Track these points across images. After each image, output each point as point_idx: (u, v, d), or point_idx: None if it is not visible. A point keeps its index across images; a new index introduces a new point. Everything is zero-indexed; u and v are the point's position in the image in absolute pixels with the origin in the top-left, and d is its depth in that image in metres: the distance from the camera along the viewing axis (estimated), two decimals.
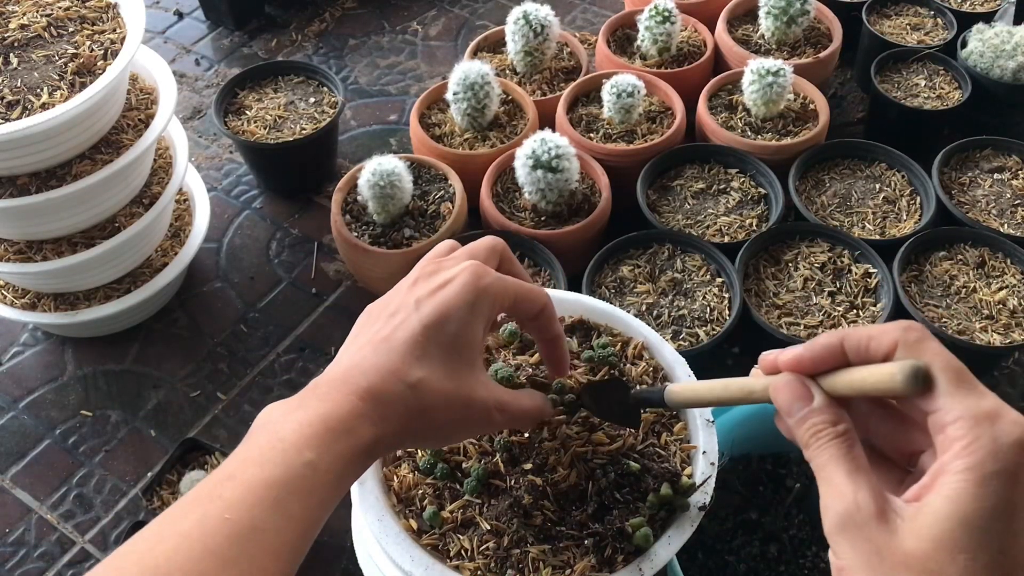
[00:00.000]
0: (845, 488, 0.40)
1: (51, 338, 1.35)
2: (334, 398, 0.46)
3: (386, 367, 0.48)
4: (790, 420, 0.43)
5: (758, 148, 1.36)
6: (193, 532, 0.40)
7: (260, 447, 0.45)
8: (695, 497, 0.62)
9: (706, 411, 0.68)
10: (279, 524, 0.42)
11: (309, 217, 1.51)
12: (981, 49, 1.47)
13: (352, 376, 0.47)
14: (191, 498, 0.43)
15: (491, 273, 0.52)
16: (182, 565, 0.39)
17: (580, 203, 1.30)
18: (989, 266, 1.22)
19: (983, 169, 1.37)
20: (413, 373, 0.48)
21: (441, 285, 0.51)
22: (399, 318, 0.50)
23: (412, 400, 0.48)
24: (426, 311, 0.49)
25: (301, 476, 0.43)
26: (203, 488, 0.43)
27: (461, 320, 0.50)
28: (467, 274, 0.51)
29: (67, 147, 1.11)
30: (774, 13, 1.52)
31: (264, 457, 0.44)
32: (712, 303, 1.18)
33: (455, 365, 0.49)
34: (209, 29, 1.89)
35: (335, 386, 0.47)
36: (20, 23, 1.11)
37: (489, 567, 0.60)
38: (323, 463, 0.44)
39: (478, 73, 1.33)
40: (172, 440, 1.20)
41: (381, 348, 0.48)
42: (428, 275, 0.52)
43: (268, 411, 0.48)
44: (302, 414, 0.46)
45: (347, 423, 0.45)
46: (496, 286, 0.52)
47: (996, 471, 0.36)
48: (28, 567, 1.10)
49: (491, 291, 0.51)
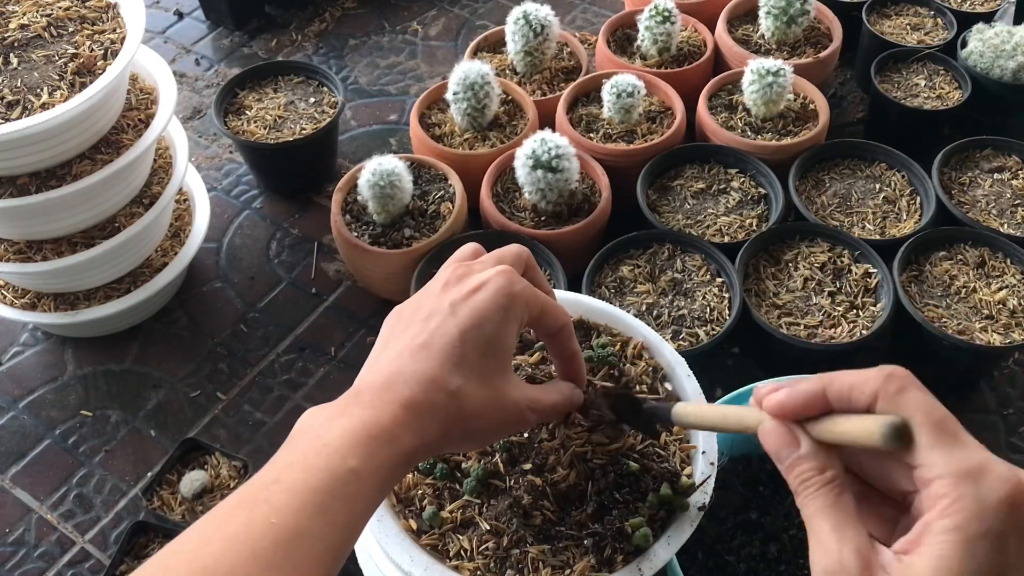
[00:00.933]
0: (831, 543, 0.39)
1: (51, 338, 1.35)
2: (377, 406, 0.47)
3: (427, 375, 0.48)
4: (780, 466, 0.43)
5: (758, 148, 1.36)
6: (240, 535, 0.41)
7: (304, 452, 0.45)
8: (695, 497, 0.62)
9: None
10: (323, 530, 0.42)
11: (309, 217, 1.51)
12: (981, 49, 1.47)
13: (394, 384, 0.48)
14: (235, 501, 0.43)
15: (522, 280, 0.53)
16: (230, 568, 0.39)
17: (580, 203, 1.30)
18: (989, 266, 1.22)
19: (983, 169, 1.37)
20: (453, 381, 0.48)
21: (475, 289, 0.51)
22: (435, 322, 0.50)
23: (452, 408, 0.48)
24: (463, 316, 0.50)
25: (345, 483, 0.44)
26: (248, 491, 0.44)
27: (497, 324, 0.50)
28: (501, 279, 0.51)
29: (67, 147, 1.11)
30: (774, 13, 1.52)
31: (309, 462, 0.44)
32: (712, 303, 1.18)
33: (491, 370, 0.50)
34: (209, 29, 1.89)
35: (377, 394, 0.48)
36: (20, 23, 1.11)
37: (489, 567, 0.60)
38: (366, 470, 0.44)
39: (478, 73, 1.33)
40: (172, 440, 1.20)
41: (420, 355, 0.49)
42: (460, 278, 0.53)
43: (310, 416, 0.48)
44: (346, 421, 0.46)
45: (390, 431, 0.46)
46: (527, 293, 0.52)
47: (982, 532, 0.36)
48: (28, 567, 1.10)
49: (523, 297, 0.52)
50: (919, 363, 1.24)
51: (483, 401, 0.50)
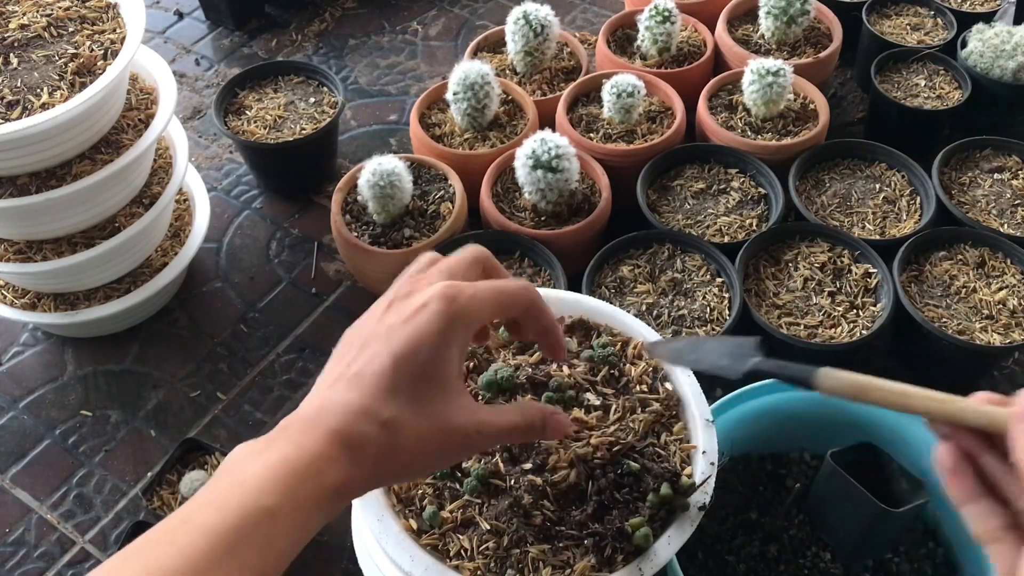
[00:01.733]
0: None
1: (51, 338, 1.35)
2: (301, 440, 0.44)
3: (356, 405, 0.46)
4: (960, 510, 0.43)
5: (758, 148, 1.36)
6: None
7: (220, 490, 0.43)
8: (695, 497, 0.62)
9: (706, 411, 0.68)
10: (232, 574, 0.40)
11: (309, 217, 1.51)
12: (981, 49, 1.47)
13: (321, 416, 0.46)
14: (143, 542, 0.41)
15: (464, 292, 0.49)
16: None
17: (580, 203, 1.30)
18: (989, 266, 1.22)
19: (983, 169, 1.37)
20: (384, 411, 0.46)
21: (414, 312, 0.48)
22: (370, 350, 0.48)
23: (384, 439, 0.46)
24: (396, 342, 0.47)
25: (257, 523, 0.41)
26: (157, 531, 0.42)
27: (434, 348, 0.47)
28: (438, 300, 0.48)
29: (67, 147, 1.11)
30: (774, 13, 1.52)
31: (222, 501, 0.42)
32: (712, 303, 1.18)
33: (428, 396, 0.47)
34: (209, 29, 1.89)
35: (304, 427, 0.45)
36: (20, 23, 1.11)
37: (489, 567, 0.60)
38: (284, 509, 0.42)
39: (478, 73, 1.33)
40: (172, 440, 1.20)
41: (352, 384, 0.47)
42: (402, 298, 0.50)
43: (237, 451, 0.46)
44: (267, 456, 0.44)
45: (314, 466, 0.44)
46: (470, 305, 0.49)
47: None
48: (28, 567, 1.10)
49: (465, 313, 0.49)
50: (919, 363, 1.24)
51: (419, 430, 0.47)
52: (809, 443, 0.99)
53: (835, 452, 0.85)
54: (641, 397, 0.69)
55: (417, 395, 0.47)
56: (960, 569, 0.92)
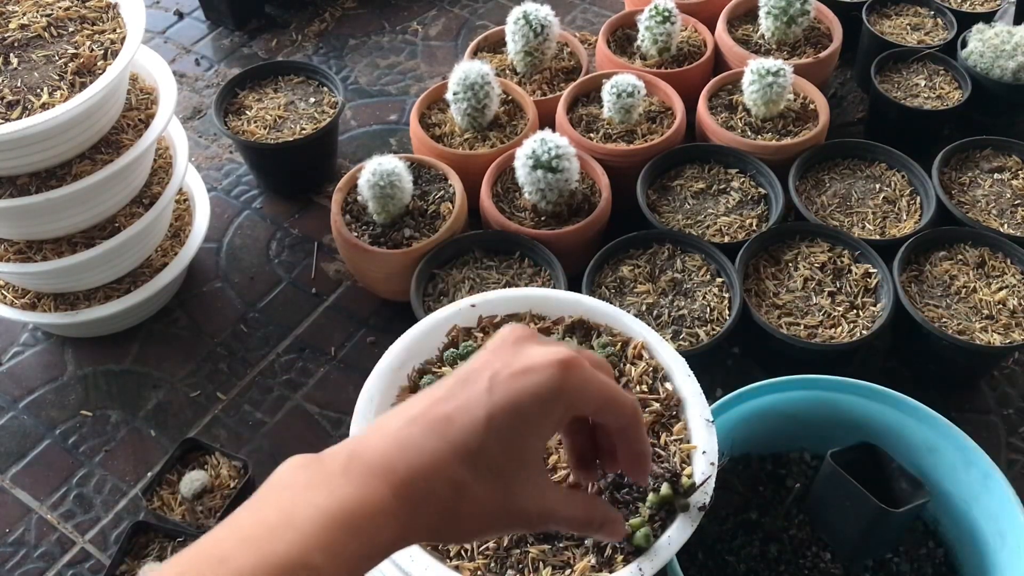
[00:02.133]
0: None
1: (51, 338, 1.35)
2: (365, 485, 0.40)
3: (433, 458, 0.41)
4: None
5: (758, 148, 1.36)
6: None
7: (268, 527, 0.38)
8: (695, 497, 0.62)
9: (706, 411, 0.68)
10: None
11: (309, 217, 1.51)
12: (981, 49, 1.47)
13: (392, 461, 0.41)
14: (173, 574, 0.38)
15: (584, 369, 0.45)
16: None
17: (580, 203, 1.30)
18: (989, 266, 1.22)
19: (983, 169, 1.37)
20: (460, 472, 0.41)
21: (522, 371, 0.43)
22: (466, 395, 0.43)
23: (450, 503, 0.42)
24: (498, 397, 0.43)
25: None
26: (191, 563, 0.38)
27: (531, 420, 0.43)
28: (554, 371, 0.43)
29: (67, 147, 1.11)
30: (774, 13, 1.52)
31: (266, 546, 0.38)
32: (712, 303, 1.18)
33: (507, 470, 0.43)
34: (209, 29, 1.89)
35: (371, 469, 0.41)
36: (20, 23, 1.11)
37: (489, 567, 0.60)
38: (330, 567, 0.38)
39: (478, 73, 1.33)
40: (172, 440, 1.20)
41: (435, 431, 0.42)
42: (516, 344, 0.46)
43: (290, 472, 0.42)
44: (324, 497, 0.39)
45: (371, 521, 0.40)
46: (583, 387, 0.45)
47: None
48: (28, 567, 1.10)
49: (575, 391, 0.44)
50: (919, 363, 1.24)
51: (487, 503, 0.42)
52: (809, 443, 0.99)
53: (835, 452, 0.85)
54: (641, 397, 0.69)
55: (498, 464, 0.43)
56: (960, 569, 0.92)
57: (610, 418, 0.47)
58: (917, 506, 0.82)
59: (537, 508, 0.45)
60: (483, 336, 0.74)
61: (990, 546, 0.87)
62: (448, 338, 0.74)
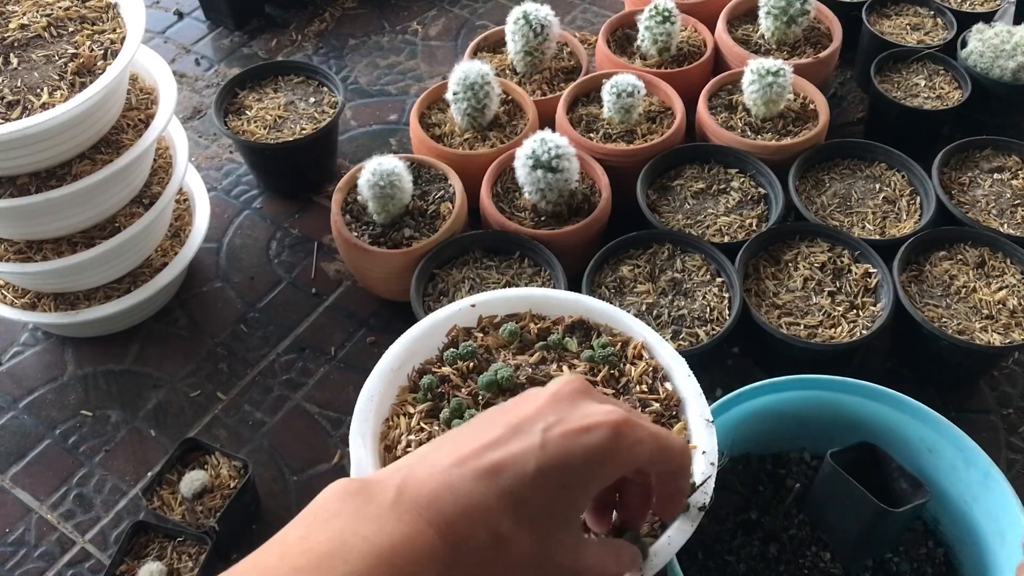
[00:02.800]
0: None
1: (51, 338, 1.35)
2: (412, 524, 0.41)
3: (479, 504, 0.41)
4: None
5: (758, 148, 1.36)
6: None
7: (319, 556, 0.39)
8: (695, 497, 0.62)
9: (706, 411, 0.68)
10: None
11: (309, 217, 1.51)
12: (981, 49, 1.47)
13: (439, 500, 0.41)
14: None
15: (636, 434, 0.45)
16: None
17: (580, 203, 1.30)
18: (989, 266, 1.22)
19: (983, 169, 1.37)
20: (503, 523, 0.42)
21: (581, 429, 0.44)
22: (518, 445, 0.43)
23: (490, 552, 0.42)
24: (551, 452, 0.43)
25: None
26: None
27: (581, 479, 0.43)
28: (610, 429, 0.44)
29: (67, 147, 1.11)
30: (774, 13, 1.52)
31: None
32: (712, 303, 1.18)
33: (550, 526, 0.43)
34: (209, 29, 1.89)
35: (418, 508, 0.41)
36: (20, 23, 1.11)
37: None
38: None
39: (478, 73, 1.33)
40: (172, 440, 1.20)
41: (484, 478, 0.42)
42: (572, 398, 0.46)
43: (339, 499, 0.42)
44: (374, 533, 0.40)
45: (417, 561, 0.40)
46: (634, 449, 0.45)
47: None
48: (28, 567, 1.10)
49: (625, 454, 0.45)
50: (919, 363, 1.24)
51: (525, 556, 0.42)
52: (809, 443, 0.99)
53: (835, 452, 0.85)
54: (641, 397, 0.69)
55: (541, 519, 0.43)
56: (960, 569, 0.92)
57: (661, 467, 0.48)
58: (917, 506, 0.82)
59: (573, 564, 0.45)
60: (483, 336, 0.73)
61: (990, 546, 0.87)
62: (448, 338, 0.74)
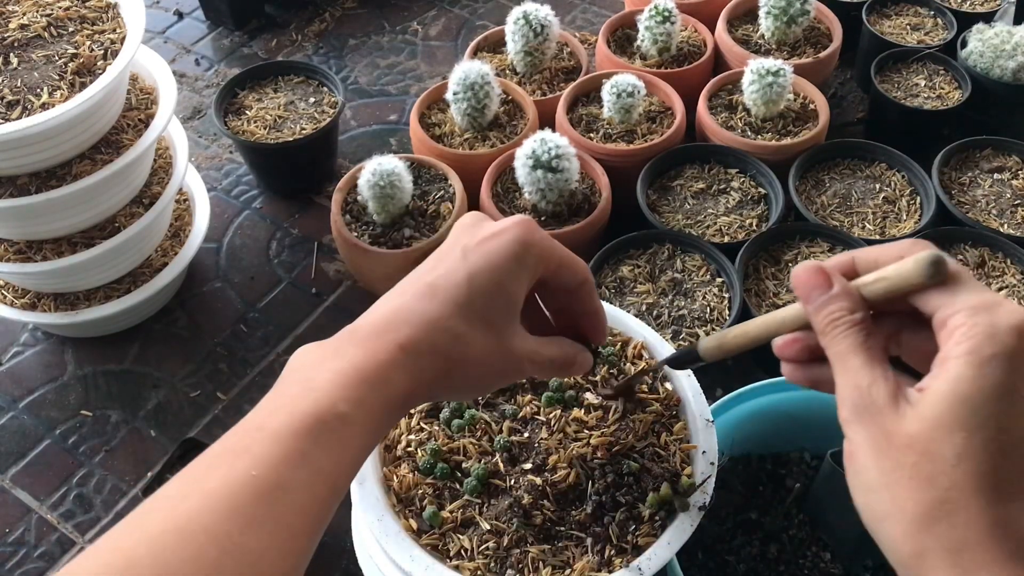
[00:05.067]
0: (861, 378, 0.41)
1: (51, 338, 1.35)
2: (372, 346, 0.45)
3: (428, 316, 0.47)
4: (808, 307, 0.44)
5: (758, 148, 1.36)
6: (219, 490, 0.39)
7: (292, 396, 0.43)
8: (695, 497, 0.62)
9: (706, 411, 0.68)
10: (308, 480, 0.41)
11: (309, 217, 1.51)
12: (981, 49, 1.47)
13: (393, 323, 0.46)
14: (218, 450, 0.42)
15: (541, 231, 0.51)
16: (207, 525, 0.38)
17: (580, 203, 1.30)
18: (989, 266, 1.22)
19: (983, 169, 1.37)
20: (456, 324, 0.47)
21: (490, 237, 0.50)
22: (444, 265, 0.49)
23: (453, 351, 0.47)
24: (473, 260, 0.49)
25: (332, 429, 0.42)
26: (231, 439, 0.42)
27: (508, 272, 0.49)
28: (518, 228, 0.50)
29: (67, 147, 1.11)
30: (774, 13, 1.52)
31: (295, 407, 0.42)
32: (712, 303, 1.18)
33: (496, 317, 0.49)
34: (209, 29, 1.89)
35: (374, 333, 0.46)
36: (20, 23, 1.11)
37: (489, 567, 0.60)
38: (357, 417, 0.43)
39: (478, 73, 1.33)
40: (172, 440, 1.20)
41: (425, 295, 0.48)
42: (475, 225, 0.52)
43: (303, 354, 0.47)
44: (338, 362, 0.44)
45: (384, 374, 0.44)
46: (544, 244, 0.51)
47: (994, 353, 0.38)
48: (28, 567, 1.10)
49: (539, 247, 0.51)
50: None
51: (484, 348, 0.48)
52: (809, 443, 0.99)
53: (835, 452, 0.85)
54: (641, 397, 0.69)
55: (486, 314, 0.48)
56: None
57: (568, 275, 0.53)
58: None
59: (525, 349, 0.51)
60: None
61: None
62: None
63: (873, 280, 0.43)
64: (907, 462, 0.38)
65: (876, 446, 0.39)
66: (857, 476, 0.41)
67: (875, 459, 0.40)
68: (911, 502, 0.38)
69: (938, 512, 0.37)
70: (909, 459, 0.38)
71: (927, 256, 0.41)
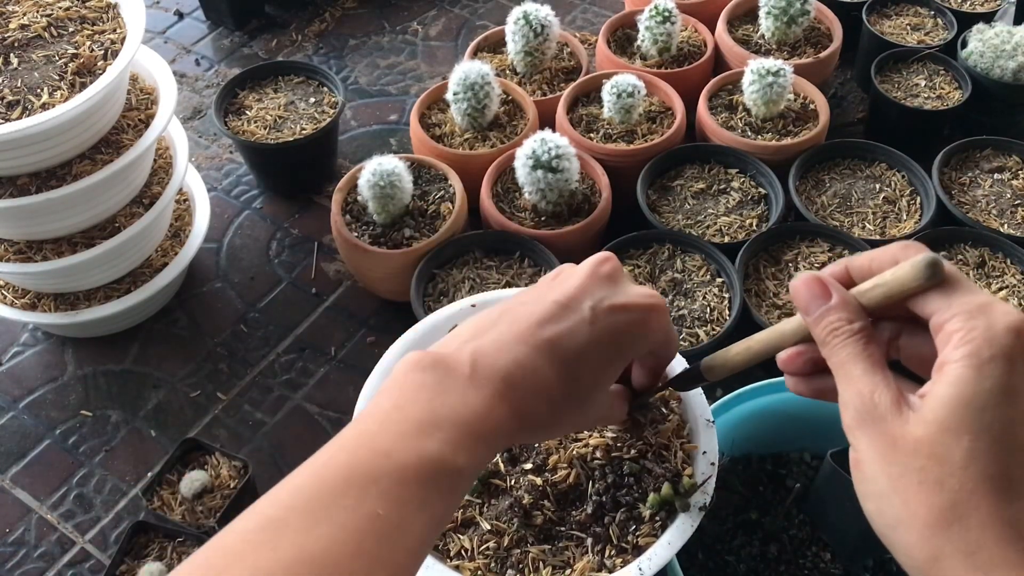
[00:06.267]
0: (863, 385, 0.41)
1: (51, 338, 1.35)
2: (489, 398, 0.45)
3: (544, 381, 0.46)
4: (808, 319, 0.44)
5: (758, 148, 1.36)
6: (348, 524, 0.39)
7: (418, 425, 0.43)
8: (695, 497, 0.62)
9: (706, 411, 0.68)
10: (423, 525, 0.42)
11: (309, 217, 1.51)
12: (981, 49, 1.47)
13: (511, 377, 0.46)
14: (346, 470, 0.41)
15: (665, 316, 0.51)
16: (335, 561, 0.38)
17: (580, 203, 1.30)
18: (989, 266, 1.22)
19: (983, 169, 1.37)
20: (558, 396, 0.47)
21: (621, 307, 0.49)
22: (569, 323, 0.48)
23: (545, 419, 0.48)
24: (600, 327, 0.48)
25: (449, 479, 0.43)
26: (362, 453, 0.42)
27: (627, 346, 0.50)
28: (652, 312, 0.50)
29: (67, 147, 1.11)
30: (774, 13, 1.51)
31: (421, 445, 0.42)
32: (712, 303, 1.18)
33: (592, 393, 0.49)
34: (209, 29, 1.89)
35: (492, 382, 0.45)
36: (20, 23, 1.11)
37: (489, 567, 0.60)
38: (469, 471, 0.44)
39: (478, 73, 1.33)
40: (172, 440, 1.20)
41: (544, 354, 0.47)
42: (607, 281, 0.51)
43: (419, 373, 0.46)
44: (460, 404, 0.44)
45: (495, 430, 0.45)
46: (667, 330, 0.52)
47: (992, 355, 0.38)
48: (28, 567, 1.10)
49: (663, 334, 0.51)
50: None
51: (569, 420, 0.49)
52: (809, 443, 0.99)
53: (835, 452, 0.85)
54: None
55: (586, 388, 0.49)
56: None
57: (664, 355, 0.55)
58: None
59: (600, 417, 0.54)
60: None
61: None
62: None
63: (870, 287, 0.43)
64: (914, 466, 0.38)
65: (882, 452, 0.40)
66: (865, 483, 0.41)
67: (882, 465, 0.40)
68: (923, 507, 0.38)
69: (951, 515, 0.37)
70: (916, 463, 0.38)
71: (923, 259, 0.41)
